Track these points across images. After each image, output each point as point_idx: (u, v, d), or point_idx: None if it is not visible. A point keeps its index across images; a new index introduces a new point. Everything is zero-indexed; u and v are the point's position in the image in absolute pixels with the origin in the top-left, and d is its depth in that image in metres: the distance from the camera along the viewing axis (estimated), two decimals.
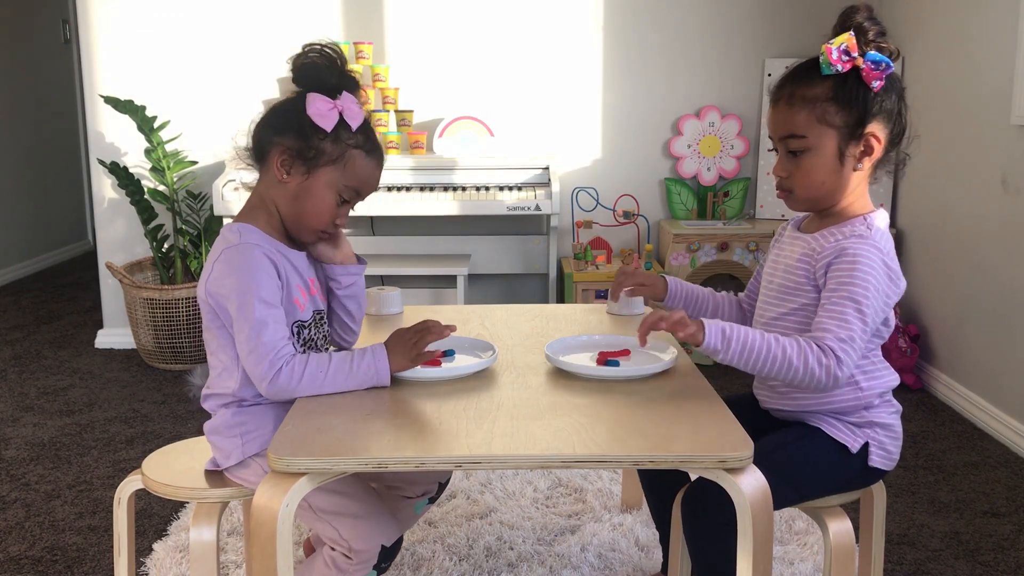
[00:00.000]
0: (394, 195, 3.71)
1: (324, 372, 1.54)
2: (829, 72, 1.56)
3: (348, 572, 1.56)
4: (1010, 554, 2.29)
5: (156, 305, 3.68)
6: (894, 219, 3.82)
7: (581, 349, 1.77)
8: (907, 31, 3.72)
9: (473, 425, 1.41)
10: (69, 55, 6.26)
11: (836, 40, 1.55)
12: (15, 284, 5.45)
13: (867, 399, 1.62)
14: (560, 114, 4.05)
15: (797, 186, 1.61)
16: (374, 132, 1.67)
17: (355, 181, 1.63)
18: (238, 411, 1.63)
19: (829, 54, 1.55)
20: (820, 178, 1.59)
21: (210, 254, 1.62)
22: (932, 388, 3.46)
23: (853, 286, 1.52)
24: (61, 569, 2.22)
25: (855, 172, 1.60)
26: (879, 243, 1.56)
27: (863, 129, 1.57)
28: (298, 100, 1.60)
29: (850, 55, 1.55)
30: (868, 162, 1.60)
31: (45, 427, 3.13)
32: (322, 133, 1.58)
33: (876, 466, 1.63)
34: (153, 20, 3.90)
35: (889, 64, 1.55)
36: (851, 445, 1.61)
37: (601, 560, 2.21)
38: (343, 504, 1.57)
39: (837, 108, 1.56)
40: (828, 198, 1.62)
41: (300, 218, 1.63)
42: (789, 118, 1.59)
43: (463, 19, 3.98)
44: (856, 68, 1.55)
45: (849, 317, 1.51)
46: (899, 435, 1.66)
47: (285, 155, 1.60)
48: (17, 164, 5.63)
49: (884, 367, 1.66)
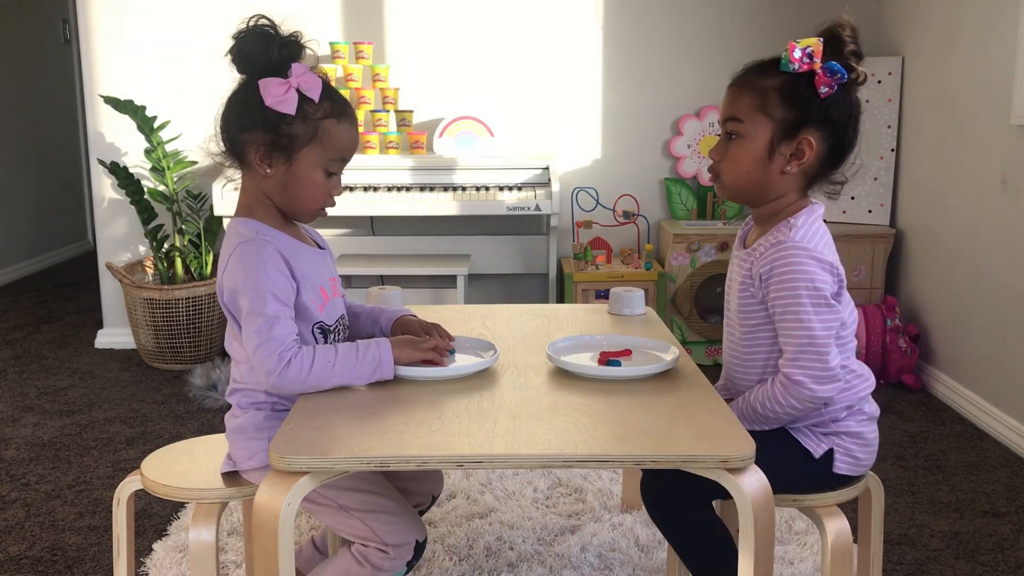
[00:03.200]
0: (394, 195, 3.71)
1: (331, 364, 1.53)
2: (787, 68, 1.57)
3: (384, 568, 1.56)
4: (1010, 554, 2.29)
5: (156, 305, 3.68)
6: (894, 219, 3.83)
7: (582, 349, 1.77)
8: (907, 31, 3.73)
9: (475, 424, 1.41)
10: (69, 55, 6.25)
11: (803, 41, 1.57)
12: (15, 284, 5.45)
13: (832, 412, 1.63)
14: (560, 114, 4.05)
15: (724, 171, 1.64)
16: (336, 92, 1.63)
17: (336, 151, 1.60)
18: (271, 415, 1.62)
19: (791, 51, 1.57)
20: (746, 167, 1.61)
21: (224, 248, 1.60)
22: (932, 388, 3.46)
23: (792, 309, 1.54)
24: (61, 569, 2.22)
25: (783, 175, 1.60)
26: (801, 242, 1.56)
27: (798, 131, 1.58)
28: (251, 90, 1.56)
29: (812, 58, 1.56)
30: (796, 166, 1.59)
31: (45, 427, 3.13)
32: (288, 118, 1.55)
33: (842, 472, 1.63)
34: (153, 20, 3.90)
35: (844, 75, 1.55)
36: (814, 451, 1.62)
37: (601, 560, 2.21)
38: (376, 502, 1.57)
39: (780, 102, 1.58)
40: (752, 192, 1.63)
41: (295, 203, 1.62)
42: (735, 101, 1.62)
43: (463, 19, 3.98)
44: (813, 72, 1.56)
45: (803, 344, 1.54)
46: (870, 441, 1.66)
47: (261, 150, 1.57)
48: (17, 164, 5.63)
49: (855, 377, 1.65)
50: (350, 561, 1.58)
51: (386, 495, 1.60)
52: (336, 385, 1.54)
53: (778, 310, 1.57)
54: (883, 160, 3.81)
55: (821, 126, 1.58)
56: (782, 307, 1.56)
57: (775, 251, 1.57)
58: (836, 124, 1.59)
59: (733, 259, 1.73)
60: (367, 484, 1.58)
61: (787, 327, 1.56)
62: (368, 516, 1.57)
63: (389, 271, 3.72)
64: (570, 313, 2.13)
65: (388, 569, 1.57)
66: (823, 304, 1.55)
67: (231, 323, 1.61)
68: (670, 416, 1.46)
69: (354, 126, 1.63)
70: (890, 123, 3.79)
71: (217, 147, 1.63)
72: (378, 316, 1.79)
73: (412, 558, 1.60)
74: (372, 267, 3.75)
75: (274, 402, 1.62)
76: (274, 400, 1.62)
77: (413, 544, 1.59)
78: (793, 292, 1.54)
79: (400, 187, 3.77)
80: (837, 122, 1.58)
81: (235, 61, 1.58)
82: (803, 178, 1.62)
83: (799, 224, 1.59)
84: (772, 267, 1.57)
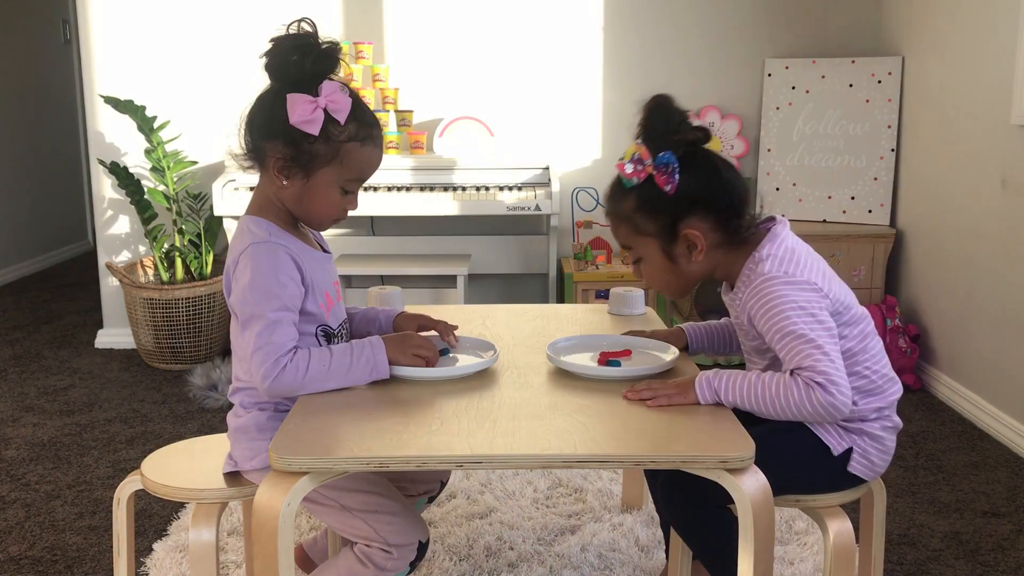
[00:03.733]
0: (394, 195, 3.71)
1: (327, 366, 1.53)
2: (630, 185, 1.58)
3: (387, 567, 1.57)
4: (1010, 554, 2.29)
5: (156, 305, 3.68)
6: (894, 219, 3.83)
7: (582, 349, 1.77)
8: (907, 31, 3.73)
9: (474, 424, 1.41)
10: (69, 55, 6.25)
11: (627, 153, 1.58)
12: (15, 284, 5.45)
13: (862, 413, 1.63)
14: (560, 114, 4.05)
15: (655, 287, 1.68)
16: (366, 111, 1.59)
17: (355, 173, 1.59)
18: (274, 415, 1.63)
19: (622, 169, 1.58)
20: (664, 278, 1.65)
21: (234, 245, 1.60)
22: (932, 388, 3.46)
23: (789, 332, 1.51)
24: (61, 569, 2.22)
25: (696, 263, 1.61)
26: (770, 272, 1.55)
27: (676, 229, 1.59)
28: (278, 101, 1.52)
29: (643, 163, 1.56)
30: (699, 255, 1.60)
31: (45, 427, 3.13)
32: (311, 137, 1.52)
33: (855, 473, 1.63)
34: (153, 20, 3.90)
35: (675, 163, 1.54)
36: (834, 447, 1.61)
37: (601, 560, 2.21)
38: (378, 502, 1.57)
39: (646, 217, 1.60)
40: (688, 285, 1.67)
41: (309, 215, 1.62)
42: (616, 233, 1.66)
43: (463, 19, 3.98)
44: (651, 175, 1.56)
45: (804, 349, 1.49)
46: (888, 449, 1.66)
47: (280, 162, 1.56)
48: (17, 164, 5.63)
49: (885, 381, 1.65)
50: (353, 561, 1.58)
51: (388, 495, 1.60)
52: (332, 386, 1.54)
53: (776, 341, 1.54)
54: (883, 160, 3.81)
55: (692, 210, 1.58)
56: (779, 336, 1.53)
57: (752, 291, 1.57)
58: (702, 198, 1.58)
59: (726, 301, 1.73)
60: (369, 485, 1.58)
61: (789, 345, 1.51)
62: (371, 516, 1.57)
63: (389, 271, 3.72)
64: (570, 313, 2.13)
65: (391, 569, 1.57)
66: (814, 321, 1.52)
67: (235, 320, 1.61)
68: (670, 416, 1.46)
69: (378, 147, 1.61)
70: (890, 123, 3.79)
71: (240, 146, 1.61)
72: (374, 317, 1.80)
73: (415, 558, 1.60)
74: (372, 267, 3.75)
75: (277, 403, 1.62)
76: (277, 400, 1.62)
77: (416, 544, 1.59)
78: (782, 319, 1.52)
79: (400, 187, 3.77)
80: (702, 196, 1.58)
81: (268, 68, 1.54)
82: (716, 249, 1.61)
83: (764, 256, 1.59)
84: (755, 305, 1.57)
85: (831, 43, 3.98)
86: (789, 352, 1.51)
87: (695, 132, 1.57)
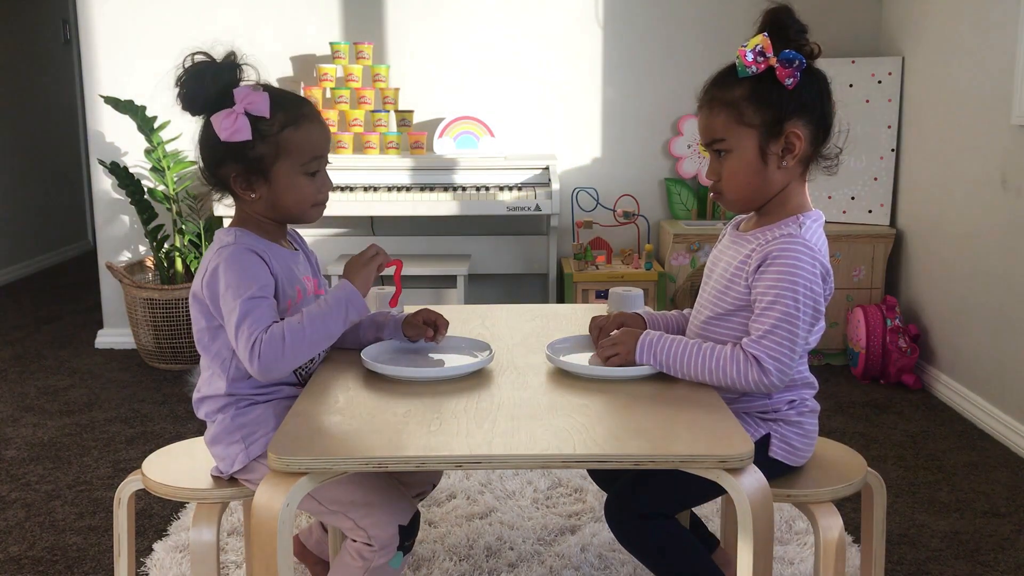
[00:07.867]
0: (394, 195, 3.71)
1: (302, 326, 1.54)
2: (745, 74, 1.58)
3: (372, 560, 1.56)
4: (1010, 554, 2.29)
5: (156, 305, 3.68)
6: (894, 219, 3.83)
7: (581, 349, 1.77)
8: (907, 31, 3.73)
9: (473, 425, 1.41)
10: (69, 55, 6.26)
11: (750, 42, 1.58)
12: (15, 284, 5.45)
13: (774, 404, 1.65)
14: (560, 114, 4.05)
15: (726, 188, 1.64)
16: (288, 96, 1.65)
17: (308, 154, 1.62)
18: (236, 414, 1.63)
19: (743, 57, 1.58)
20: (745, 179, 1.62)
21: (205, 256, 1.64)
22: (932, 388, 3.46)
23: (784, 298, 1.53)
24: (61, 569, 2.22)
25: (781, 170, 1.61)
26: (810, 241, 1.58)
27: (782, 127, 1.59)
28: (208, 128, 1.61)
29: (764, 55, 1.57)
30: (792, 160, 1.60)
31: (45, 427, 3.13)
32: (249, 143, 1.58)
33: (777, 458, 1.64)
34: (153, 20, 3.90)
35: (803, 61, 1.57)
36: (751, 434, 1.62)
37: (601, 560, 2.21)
38: (353, 493, 1.57)
39: (754, 108, 1.59)
40: (758, 197, 1.64)
41: (289, 211, 1.66)
42: (711, 122, 1.63)
43: (463, 19, 3.98)
44: (771, 68, 1.57)
45: (780, 331, 1.53)
46: (809, 432, 1.68)
47: (239, 180, 1.62)
48: (17, 164, 5.63)
49: (800, 377, 1.66)
50: (348, 558, 1.59)
51: (363, 485, 1.58)
52: (321, 343, 1.56)
53: (768, 297, 1.55)
54: (883, 160, 3.81)
55: (800, 114, 1.59)
56: (773, 295, 1.54)
57: (784, 241, 1.57)
58: (812, 106, 1.60)
59: (722, 243, 1.73)
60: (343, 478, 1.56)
61: (770, 313, 1.54)
62: (348, 509, 1.57)
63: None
64: (570, 313, 2.13)
65: (381, 559, 1.57)
66: (811, 309, 1.55)
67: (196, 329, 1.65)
68: (669, 416, 1.46)
69: (315, 122, 1.64)
70: (890, 123, 3.79)
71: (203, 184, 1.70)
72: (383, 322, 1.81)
73: (405, 539, 1.58)
74: None
75: (236, 397, 1.63)
76: (232, 393, 1.63)
77: (396, 532, 1.57)
78: (791, 286, 1.53)
79: (400, 187, 3.77)
80: (812, 104, 1.60)
81: (186, 109, 1.63)
82: (800, 165, 1.64)
83: (809, 223, 1.61)
84: (778, 254, 1.56)
85: (831, 43, 3.97)
86: (767, 322, 1.54)
87: (813, 45, 1.60)
